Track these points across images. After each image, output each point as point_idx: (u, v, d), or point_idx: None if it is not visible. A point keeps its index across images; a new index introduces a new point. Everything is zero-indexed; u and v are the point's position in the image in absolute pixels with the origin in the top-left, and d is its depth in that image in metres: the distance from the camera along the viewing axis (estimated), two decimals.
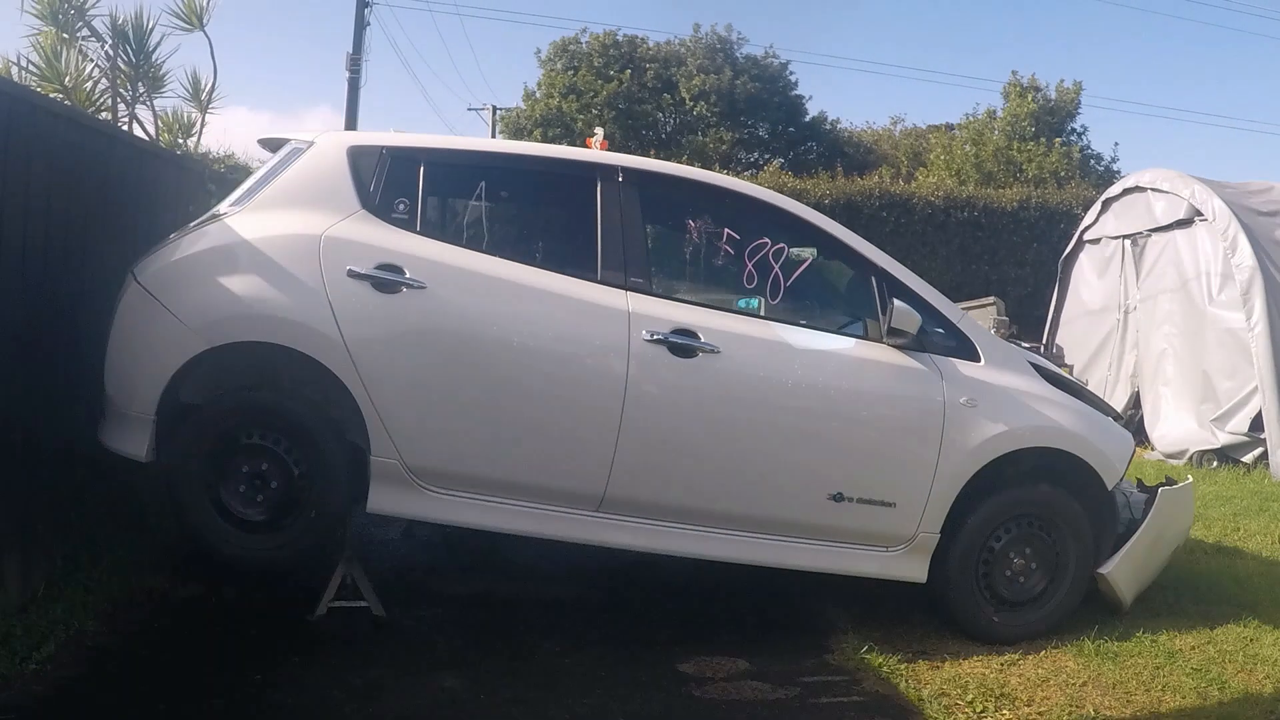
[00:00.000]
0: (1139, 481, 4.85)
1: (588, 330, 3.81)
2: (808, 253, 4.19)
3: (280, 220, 3.81)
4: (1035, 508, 4.20)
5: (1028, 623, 4.22)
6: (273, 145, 4.21)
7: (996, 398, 4.09)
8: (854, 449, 3.99)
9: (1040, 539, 4.22)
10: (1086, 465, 4.20)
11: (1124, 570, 4.37)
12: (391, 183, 3.92)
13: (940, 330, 4.15)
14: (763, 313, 4.06)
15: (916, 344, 4.04)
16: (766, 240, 4.09)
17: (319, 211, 3.81)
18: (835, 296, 4.36)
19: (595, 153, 4.39)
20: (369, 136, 4.12)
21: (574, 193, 4.12)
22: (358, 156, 3.93)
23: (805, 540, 4.02)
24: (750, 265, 4.08)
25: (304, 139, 4.03)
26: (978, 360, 4.14)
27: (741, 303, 4.13)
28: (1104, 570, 4.33)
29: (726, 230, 4.12)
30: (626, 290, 3.87)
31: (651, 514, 3.90)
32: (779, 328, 4.00)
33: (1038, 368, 4.37)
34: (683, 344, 3.82)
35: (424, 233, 3.90)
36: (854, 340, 4.07)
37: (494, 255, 3.91)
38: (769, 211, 4.21)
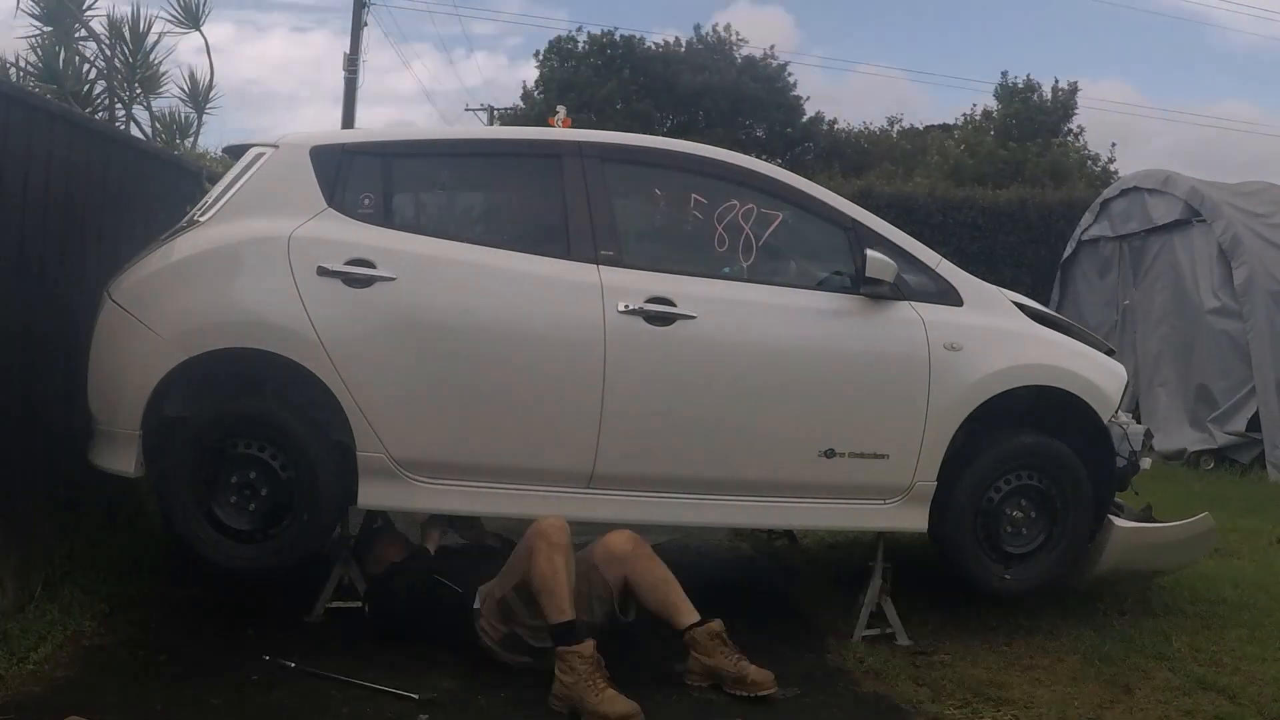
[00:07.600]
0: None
1: (561, 307, 3.81)
2: (778, 211, 4.14)
3: (248, 225, 3.79)
4: (1028, 458, 4.15)
5: (1034, 574, 4.18)
6: (237, 153, 4.19)
7: (981, 340, 4.06)
8: (841, 404, 3.97)
9: (1035, 489, 4.17)
10: (1079, 400, 4.17)
11: (1126, 539, 4.29)
12: (356, 179, 3.92)
13: (919, 276, 4.14)
14: (738, 275, 4.04)
15: (895, 292, 4.01)
16: (735, 202, 4.07)
17: (286, 213, 3.80)
18: (810, 252, 4.35)
19: (555, 130, 4.42)
20: (330, 135, 4.14)
21: (537, 172, 4.12)
22: (320, 156, 3.91)
23: (802, 500, 4.01)
24: (720, 229, 4.05)
25: (267, 144, 4.02)
26: (960, 304, 4.13)
27: (726, 269, 4.11)
28: (1115, 520, 4.27)
29: (694, 195, 4.12)
30: (597, 264, 3.85)
31: (643, 486, 3.88)
32: (756, 289, 3.99)
33: (1023, 307, 4.35)
34: (658, 312, 3.81)
35: (392, 225, 3.91)
36: (832, 294, 4.05)
37: (463, 241, 3.92)
38: (735, 173, 4.18)
